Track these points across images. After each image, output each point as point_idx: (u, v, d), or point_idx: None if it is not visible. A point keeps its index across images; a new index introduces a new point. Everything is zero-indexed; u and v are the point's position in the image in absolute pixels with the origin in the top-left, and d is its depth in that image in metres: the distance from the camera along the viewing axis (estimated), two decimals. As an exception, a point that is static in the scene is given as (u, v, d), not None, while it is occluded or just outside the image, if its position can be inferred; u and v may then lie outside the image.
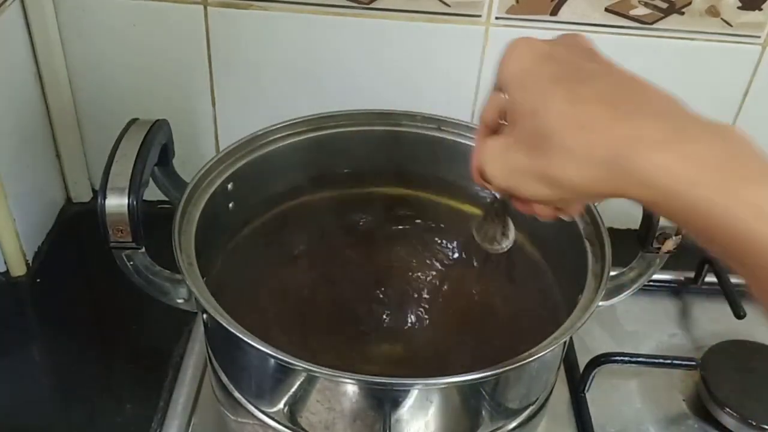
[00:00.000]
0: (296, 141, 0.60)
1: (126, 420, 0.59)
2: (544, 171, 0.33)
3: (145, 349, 0.66)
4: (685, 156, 0.29)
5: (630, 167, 0.30)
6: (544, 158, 0.33)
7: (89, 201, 0.80)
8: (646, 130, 0.30)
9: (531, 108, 0.33)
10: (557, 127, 0.32)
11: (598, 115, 0.31)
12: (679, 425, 0.61)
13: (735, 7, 0.67)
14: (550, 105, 0.32)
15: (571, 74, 0.34)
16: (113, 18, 0.69)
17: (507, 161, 0.35)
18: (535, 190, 0.34)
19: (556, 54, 0.35)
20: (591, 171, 0.31)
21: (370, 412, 0.45)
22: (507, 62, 0.36)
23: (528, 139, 0.34)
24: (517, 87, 0.35)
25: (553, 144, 0.32)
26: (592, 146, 0.31)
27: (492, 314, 0.59)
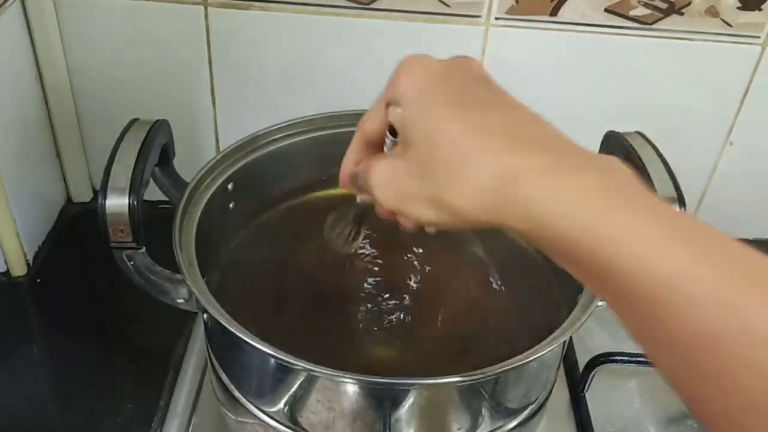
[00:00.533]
0: (296, 141, 0.60)
1: (126, 420, 0.59)
2: (435, 196, 0.33)
3: (145, 349, 0.66)
4: (560, 187, 0.30)
5: (512, 197, 0.31)
6: (435, 184, 0.33)
7: (89, 201, 0.80)
8: (529, 161, 0.31)
9: (424, 133, 0.34)
10: (448, 156, 0.32)
11: (488, 145, 0.32)
12: (679, 425, 0.62)
13: (735, 8, 0.68)
14: (443, 132, 0.33)
15: (465, 101, 0.34)
16: (113, 18, 0.69)
17: (399, 185, 0.35)
18: (423, 214, 0.35)
19: (452, 77, 0.35)
20: (478, 199, 0.32)
21: (370, 412, 0.45)
22: (401, 79, 0.36)
23: (420, 165, 0.34)
24: (411, 108, 0.35)
25: (444, 171, 0.33)
26: (481, 174, 0.31)
27: (492, 314, 0.59)
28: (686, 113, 0.74)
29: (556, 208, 0.30)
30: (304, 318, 0.59)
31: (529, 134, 0.33)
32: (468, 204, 0.32)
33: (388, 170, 0.36)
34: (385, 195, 0.36)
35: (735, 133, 0.76)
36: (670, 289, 0.26)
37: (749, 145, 0.77)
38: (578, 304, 0.48)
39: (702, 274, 0.26)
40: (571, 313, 0.47)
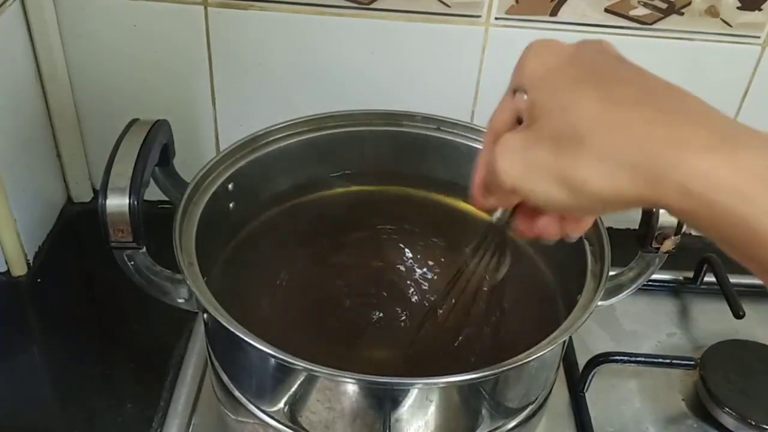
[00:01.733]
0: (296, 141, 0.60)
1: (126, 420, 0.59)
2: (569, 171, 0.30)
3: (145, 349, 0.66)
4: (735, 165, 0.27)
5: (669, 173, 0.28)
6: (571, 157, 0.30)
7: (90, 201, 0.80)
8: (689, 134, 0.28)
9: (559, 105, 0.31)
10: (589, 127, 0.29)
11: (634, 116, 0.29)
12: (679, 425, 0.62)
13: (735, 8, 0.68)
14: (581, 104, 0.30)
15: (601, 76, 0.31)
16: (113, 18, 0.69)
17: (527, 155, 0.32)
18: (552, 194, 0.31)
19: (582, 55, 0.33)
20: (622, 174, 0.29)
21: (370, 412, 0.45)
22: (528, 62, 0.34)
23: (554, 135, 0.31)
24: (541, 87, 0.32)
25: (583, 143, 0.29)
26: (627, 148, 0.28)
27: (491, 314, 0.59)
28: (686, 113, 0.74)
29: (727, 185, 0.27)
30: (304, 318, 0.59)
31: (680, 105, 0.30)
32: (607, 178, 0.29)
33: (517, 138, 0.33)
34: (510, 163, 0.32)
35: (735, 133, 0.76)
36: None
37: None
38: (578, 304, 0.48)
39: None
40: (571, 313, 0.47)
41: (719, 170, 0.27)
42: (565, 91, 0.31)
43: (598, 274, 0.50)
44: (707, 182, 0.27)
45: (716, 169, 0.27)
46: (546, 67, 0.33)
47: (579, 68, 0.32)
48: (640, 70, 0.33)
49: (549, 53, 0.33)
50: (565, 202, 0.31)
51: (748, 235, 0.27)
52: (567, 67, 0.32)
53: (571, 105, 0.30)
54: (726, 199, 0.27)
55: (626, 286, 0.55)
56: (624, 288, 0.55)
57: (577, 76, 0.31)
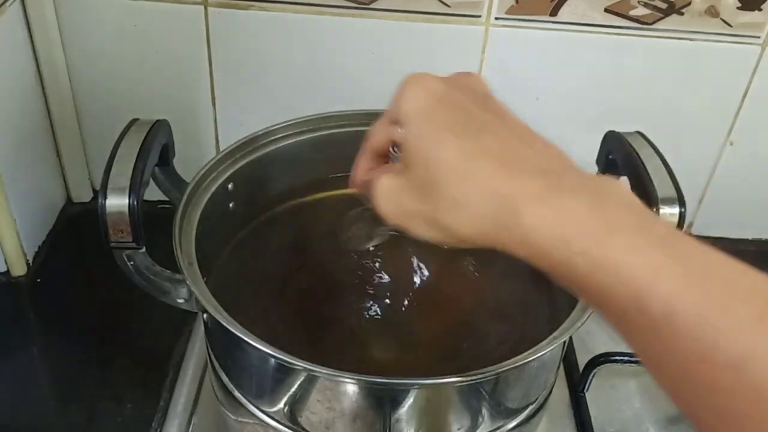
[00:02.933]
0: (296, 141, 0.60)
1: (126, 420, 0.59)
2: (434, 218, 0.34)
3: (145, 349, 0.66)
4: (559, 213, 0.30)
5: (509, 223, 0.31)
6: (433, 207, 0.34)
7: (89, 201, 0.80)
8: (525, 186, 0.31)
9: (424, 155, 0.34)
10: (445, 177, 0.33)
11: (484, 168, 0.32)
12: (679, 425, 0.62)
13: (735, 8, 0.68)
14: (440, 156, 0.33)
15: (463, 123, 0.34)
16: (113, 18, 0.69)
17: (400, 203, 0.36)
18: (425, 233, 0.35)
19: (451, 98, 0.35)
20: (476, 224, 0.32)
21: (370, 412, 0.45)
22: (403, 100, 0.36)
23: (420, 186, 0.35)
24: (413, 129, 0.35)
25: (441, 194, 0.33)
26: (476, 200, 0.32)
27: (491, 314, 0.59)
28: (686, 113, 0.74)
29: (551, 233, 0.30)
30: (304, 318, 0.59)
31: (524, 157, 0.33)
32: (466, 228, 0.33)
33: (390, 188, 0.37)
34: (387, 211, 0.37)
35: (735, 133, 0.76)
36: (667, 313, 0.27)
37: (749, 145, 0.77)
38: (578, 304, 0.48)
39: (698, 297, 0.27)
40: (571, 313, 0.47)
41: (545, 220, 0.30)
42: (430, 141, 0.34)
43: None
44: (537, 231, 0.30)
45: (543, 218, 0.30)
46: (417, 108, 0.35)
47: (446, 114, 0.35)
48: (501, 114, 0.36)
49: (421, 93, 0.36)
50: (439, 239, 0.35)
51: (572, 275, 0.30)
52: (435, 111, 0.35)
53: (433, 155, 0.34)
54: (551, 246, 0.30)
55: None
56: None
57: (442, 123, 0.34)
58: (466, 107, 0.35)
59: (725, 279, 0.28)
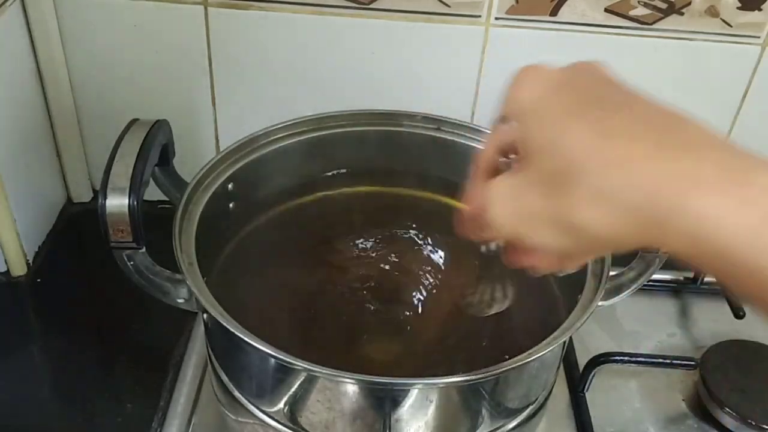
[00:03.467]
0: (296, 141, 0.60)
1: (126, 420, 0.59)
2: (564, 216, 0.28)
3: (145, 349, 0.66)
4: (745, 206, 0.24)
5: (674, 216, 0.25)
6: (565, 201, 0.28)
7: (89, 201, 0.80)
8: (692, 171, 0.25)
9: (549, 143, 0.29)
10: (583, 164, 0.27)
11: (632, 151, 0.26)
12: (679, 425, 0.62)
13: (735, 8, 0.67)
14: (573, 138, 0.28)
15: (593, 104, 0.29)
16: (113, 18, 0.69)
17: (518, 203, 0.30)
18: (547, 238, 0.29)
19: (574, 81, 0.31)
20: (622, 217, 0.26)
21: (370, 412, 0.45)
22: (517, 90, 0.32)
23: (545, 178, 0.29)
24: (531, 117, 0.30)
25: (578, 183, 0.27)
26: (625, 187, 0.26)
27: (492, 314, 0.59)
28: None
29: (741, 230, 0.24)
30: (304, 318, 0.59)
31: (682, 135, 0.27)
32: (606, 221, 0.27)
33: (505, 187, 0.31)
34: (501, 213, 0.31)
35: (735, 133, 0.76)
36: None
37: (749, 145, 0.76)
38: (578, 304, 0.48)
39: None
40: (571, 313, 0.47)
41: (728, 213, 0.24)
42: (556, 125, 0.29)
43: (598, 274, 0.50)
44: (716, 227, 0.24)
45: (725, 211, 0.24)
46: (536, 96, 0.31)
47: (570, 96, 0.30)
48: (635, 94, 0.30)
49: (538, 80, 0.31)
50: (564, 246, 0.29)
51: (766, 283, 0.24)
52: (557, 96, 0.30)
53: (562, 141, 0.28)
54: (738, 246, 0.24)
55: (626, 287, 0.55)
56: (624, 288, 0.55)
57: (567, 105, 0.29)
58: (594, 89, 0.30)
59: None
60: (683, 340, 0.69)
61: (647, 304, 0.73)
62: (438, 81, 0.72)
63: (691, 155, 0.26)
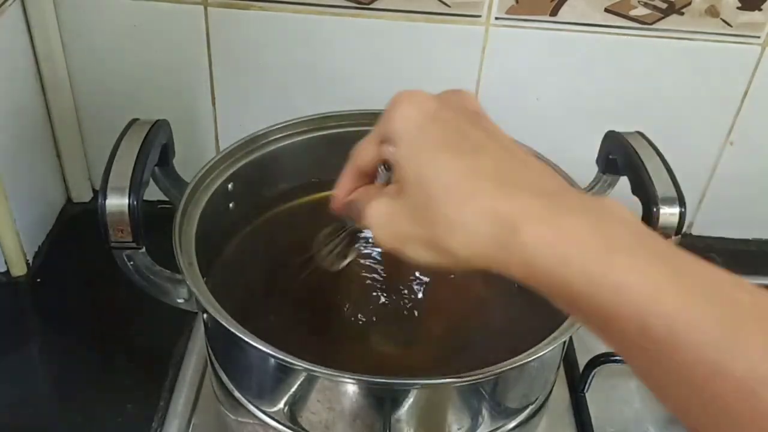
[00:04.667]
0: (296, 141, 0.60)
1: (126, 420, 0.59)
2: (431, 240, 0.33)
3: (145, 349, 0.66)
4: (559, 232, 0.29)
5: (510, 244, 0.30)
6: (430, 228, 0.33)
7: (89, 201, 0.80)
8: (525, 206, 0.30)
9: (417, 175, 0.33)
10: (443, 199, 0.32)
11: (481, 191, 0.31)
12: (679, 425, 0.61)
13: (735, 8, 0.68)
14: (436, 175, 0.32)
15: (457, 142, 0.33)
16: (113, 18, 0.69)
17: (396, 228, 0.35)
18: (421, 256, 0.34)
19: (443, 116, 0.35)
20: (476, 244, 0.31)
21: (370, 412, 0.45)
22: (394, 118, 0.35)
23: (415, 207, 0.34)
24: (404, 147, 0.35)
25: (439, 215, 0.32)
26: (476, 220, 0.31)
27: (492, 314, 0.59)
28: (686, 113, 0.74)
29: (552, 254, 0.29)
30: (304, 318, 0.59)
31: (521, 177, 0.32)
32: (465, 249, 0.32)
33: (385, 212, 0.36)
34: (382, 236, 0.36)
35: (735, 133, 0.76)
36: (670, 333, 0.26)
37: (749, 144, 0.77)
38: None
39: (700, 316, 0.26)
40: (571, 313, 0.47)
41: (546, 239, 0.29)
42: (423, 159, 0.33)
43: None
44: (537, 251, 0.29)
45: (543, 238, 0.29)
46: (409, 126, 0.35)
47: (439, 131, 0.34)
48: (494, 133, 0.35)
49: (412, 110, 0.35)
50: (437, 262, 0.34)
51: (572, 297, 0.29)
52: (428, 129, 0.34)
53: (428, 175, 0.33)
54: (551, 265, 0.29)
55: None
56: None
57: (435, 141, 0.34)
58: (460, 126, 0.35)
59: (729, 296, 0.27)
60: (683, 340, 0.69)
61: (647, 304, 0.73)
62: (438, 81, 0.72)
63: (525, 194, 0.31)
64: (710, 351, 0.25)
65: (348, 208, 0.40)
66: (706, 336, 0.26)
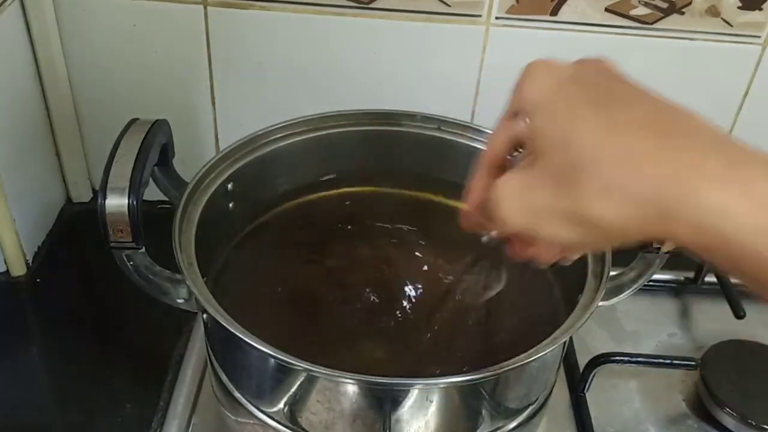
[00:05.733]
0: (296, 141, 0.60)
1: (126, 420, 0.59)
2: (576, 210, 0.29)
3: (145, 349, 0.66)
4: (750, 197, 0.25)
5: (681, 207, 0.26)
6: (576, 195, 0.28)
7: (89, 201, 0.80)
8: (698, 163, 0.26)
9: (560, 137, 0.29)
10: (593, 159, 0.28)
11: (641, 146, 0.27)
12: (679, 425, 0.61)
13: (735, 7, 0.67)
14: (583, 134, 0.28)
15: (602, 99, 0.30)
16: (113, 18, 0.69)
17: (529, 199, 0.31)
18: (558, 232, 0.30)
19: (582, 76, 0.32)
20: (633, 210, 0.27)
21: (370, 412, 0.45)
22: (527, 85, 0.32)
23: (556, 174, 0.29)
24: (542, 112, 0.31)
25: (589, 179, 0.28)
26: (635, 181, 0.27)
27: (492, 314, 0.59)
28: (686, 113, 0.74)
29: (744, 224, 0.25)
30: (304, 318, 0.59)
31: (686, 129, 0.28)
32: (618, 215, 0.28)
33: (517, 183, 0.31)
34: (511, 210, 0.31)
35: (735, 133, 0.76)
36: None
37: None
38: (579, 305, 0.48)
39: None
40: (571, 313, 0.47)
41: (734, 204, 0.25)
42: (566, 119, 0.29)
43: (598, 274, 0.50)
44: (722, 217, 0.25)
45: (731, 202, 0.25)
46: (545, 90, 0.31)
47: (579, 91, 0.31)
48: (643, 91, 0.31)
49: (547, 75, 0.32)
50: (574, 239, 0.30)
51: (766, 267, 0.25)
52: (567, 90, 0.31)
53: (573, 135, 0.29)
54: (743, 236, 0.25)
55: (627, 287, 0.55)
56: (625, 288, 0.55)
57: (577, 100, 0.30)
58: (603, 83, 0.31)
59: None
60: (683, 340, 0.69)
61: (648, 304, 0.73)
62: (438, 81, 0.72)
63: (696, 149, 0.27)
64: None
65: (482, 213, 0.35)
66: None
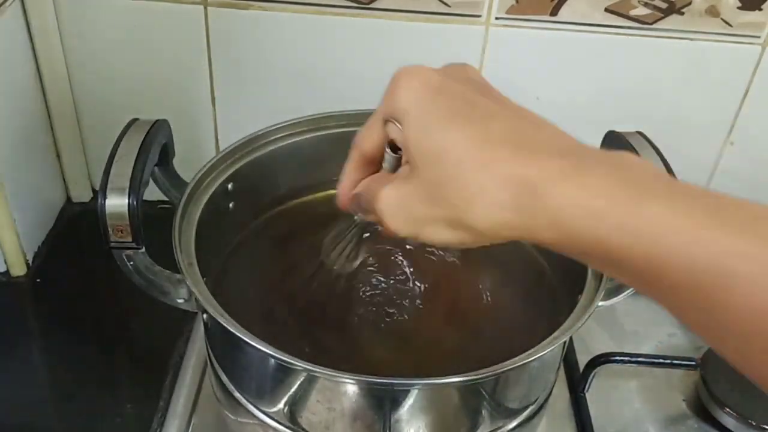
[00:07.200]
0: (296, 141, 0.60)
1: (126, 420, 0.59)
2: (452, 217, 0.32)
3: (145, 349, 0.66)
4: (582, 189, 0.28)
5: (535, 208, 0.29)
6: (451, 205, 0.31)
7: (89, 201, 0.80)
8: (546, 167, 0.29)
9: (433, 151, 0.32)
10: (458, 172, 0.31)
11: (497, 157, 0.30)
12: (679, 425, 0.62)
13: (735, 7, 0.67)
14: (451, 147, 0.31)
15: (466, 112, 0.32)
16: (113, 18, 0.69)
17: (410, 210, 0.33)
18: (441, 237, 0.33)
19: (449, 87, 0.33)
20: (498, 215, 0.30)
21: (370, 412, 0.45)
22: (398, 93, 0.34)
23: (431, 186, 0.32)
24: (415, 123, 0.33)
25: (456, 191, 0.31)
26: (496, 188, 0.30)
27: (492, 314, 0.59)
28: (687, 113, 0.74)
29: (583, 213, 0.28)
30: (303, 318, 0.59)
31: (537, 140, 0.31)
32: (488, 222, 0.31)
33: (397, 197, 0.34)
34: (397, 223, 0.34)
35: (735, 133, 0.76)
36: (720, 273, 0.25)
37: (749, 145, 0.76)
38: (578, 304, 0.48)
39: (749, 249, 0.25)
40: (571, 313, 0.47)
41: (573, 197, 0.28)
42: (437, 132, 0.32)
43: (598, 274, 0.50)
44: (566, 211, 0.28)
45: (570, 196, 0.28)
46: (415, 100, 0.33)
47: (446, 102, 0.33)
48: (503, 101, 0.34)
49: (417, 85, 0.34)
50: (458, 240, 0.33)
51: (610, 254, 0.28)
52: (435, 101, 0.33)
53: (443, 149, 0.31)
54: (583, 224, 0.28)
55: (627, 287, 0.55)
56: (625, 288, 0.55)
57: (446, 112, 0.32)
58: (467, 95, 0.33)
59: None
60: (683, 340, 0.69)
61: (647, 305, 0.72)
62: (438, 81, 0.72)
63: (544, 155, 0.30)
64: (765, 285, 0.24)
65: (356, 201, 0.38)
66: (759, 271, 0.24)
